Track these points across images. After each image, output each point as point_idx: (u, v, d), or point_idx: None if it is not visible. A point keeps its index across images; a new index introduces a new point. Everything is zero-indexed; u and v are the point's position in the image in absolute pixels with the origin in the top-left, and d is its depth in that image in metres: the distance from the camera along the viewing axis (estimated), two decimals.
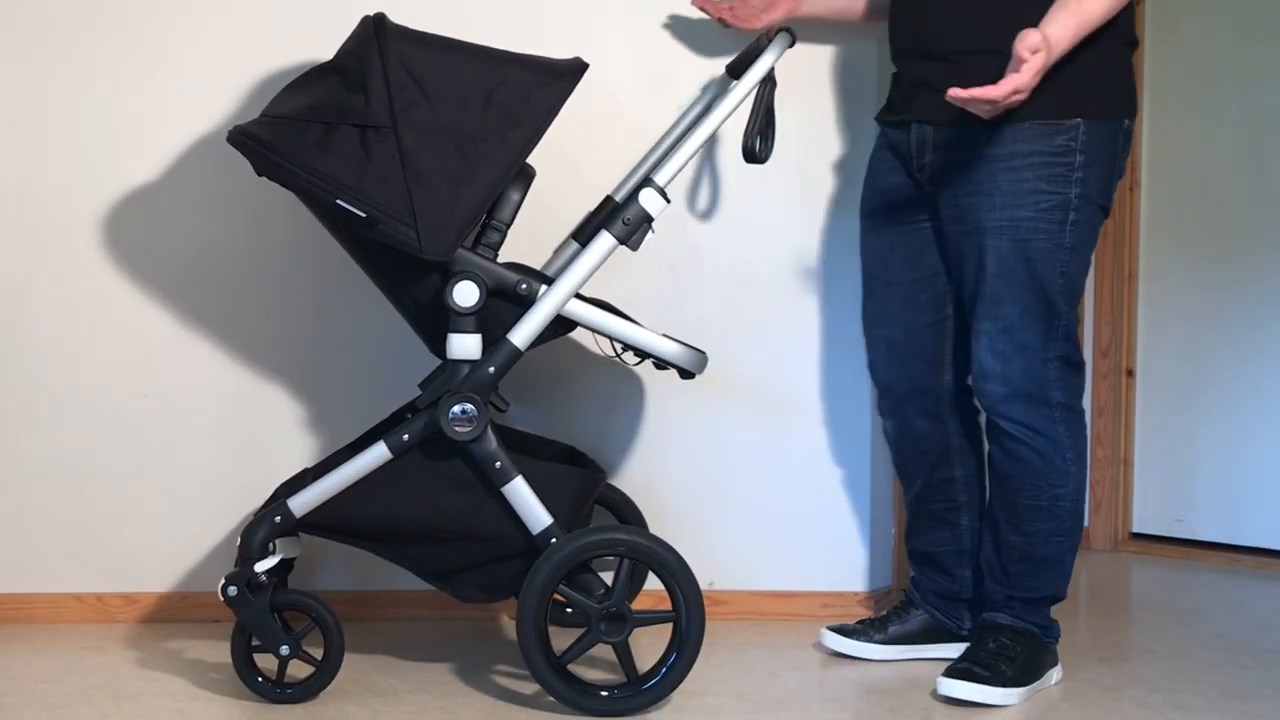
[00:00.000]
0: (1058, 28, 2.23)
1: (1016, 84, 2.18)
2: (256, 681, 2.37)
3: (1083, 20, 2.25)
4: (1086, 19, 2.25)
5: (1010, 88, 2.18)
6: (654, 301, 2.86)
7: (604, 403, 2.89)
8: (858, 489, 2.89)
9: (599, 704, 2.31)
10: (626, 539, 2.32)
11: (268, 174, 2.24)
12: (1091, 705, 2.41)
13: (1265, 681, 2.55)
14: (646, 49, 2.84)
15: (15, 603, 2.83)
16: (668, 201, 2.36)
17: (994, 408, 2.41)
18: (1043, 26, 2.22)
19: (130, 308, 2.81)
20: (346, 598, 2.82)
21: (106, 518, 2.83)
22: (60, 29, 2.78)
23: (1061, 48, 2.23)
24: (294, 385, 2.85)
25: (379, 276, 2.37)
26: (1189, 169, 3.57)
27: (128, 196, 2.80)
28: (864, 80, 2.87)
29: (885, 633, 2.65)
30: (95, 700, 2.39)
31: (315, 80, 2.28)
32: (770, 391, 2.90)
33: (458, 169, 2.22)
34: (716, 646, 2.68)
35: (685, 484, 2.90)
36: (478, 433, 2.30)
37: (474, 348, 2.31)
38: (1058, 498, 2.42)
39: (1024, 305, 2.36)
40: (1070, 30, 2.24)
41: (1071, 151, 2.31)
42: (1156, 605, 3.14)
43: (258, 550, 2.34)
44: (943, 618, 2.64)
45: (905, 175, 2.49)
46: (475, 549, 2.37)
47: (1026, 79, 2.19)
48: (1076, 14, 2.24)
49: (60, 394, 2.81)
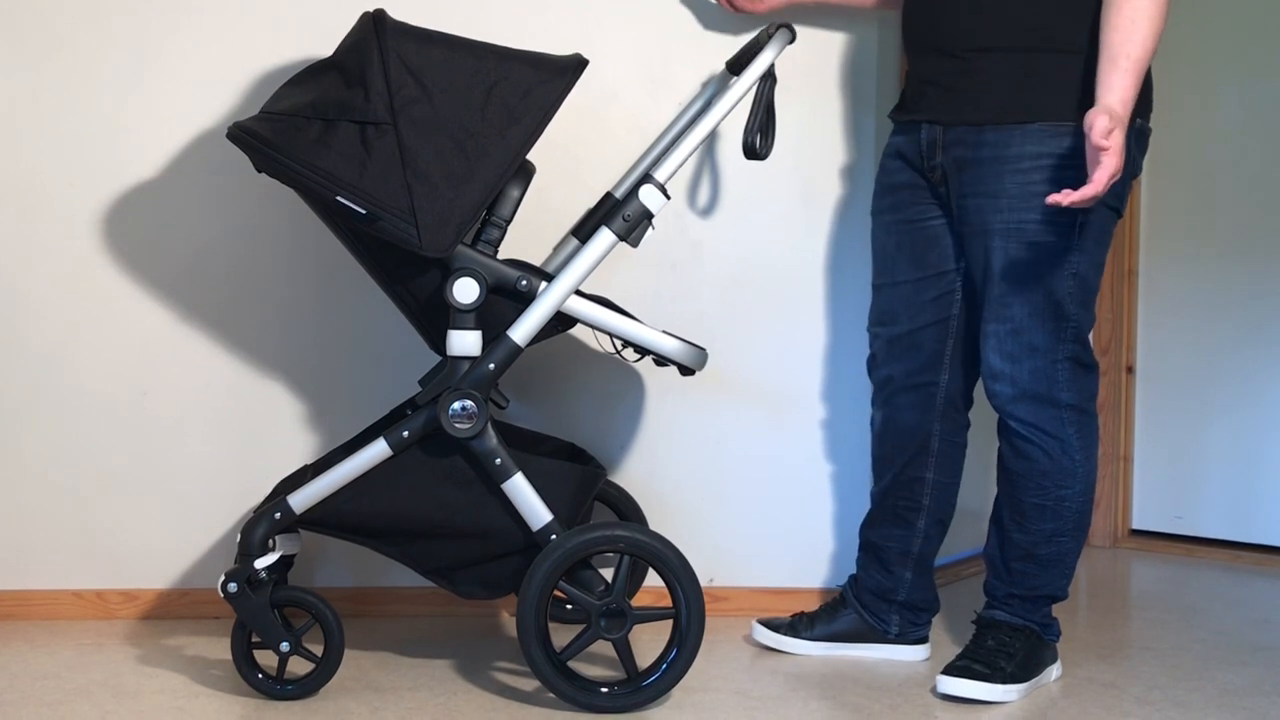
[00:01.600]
0: (1116, 94, 2.18)
1: (1110, 170, 2.15)
2: (256, 678, 2.37)
3: (1137, 71, 2.19)
4: (1138, 68, 2.19)
5: (1107, 177, 2.15)
6: (654, 298, 2.86)
7: (604, 399, 2.89)
8: (857, 486, 2.89)
9: (599, 700, 2.31)
10: (626, 535, 2.32)
11: (267, 171, 2.24)
12: (1091, 702, 2.41)
13: (1265, 678, 2.55)
14: (646, 45, 2.84)
15: (15, 599, 2.83)
16: (668, 198, 2.36)
17: (1003, 408, 2.41)
18: (1102, 98, 2.18)
19: (130, 306, 2.81)
20: (346, 594, 2.82)
21: (106, 515, 2.83)
22: (59, 27, 2.77)
23: (1128, 109, 2.19)
24: (294, 383, 2.85)
25: (379, 273, 2.37)
26: (1189, 167, 3.58)
27: (127, 194, 2.80)
28: (865, 76, 2.86)
29: (813, 630, 2.67)
30: (95, 697, 2.39)
31: (315, 77, 2.28)
32: (770, 388, 2.90)
33: (457, 166, 2.22)
34: (716, 643, 2.69)
35: (685, 480, 2.91)
36: (478, 429, 2.30)
37: (474, 344, 2.31)
38: (1063, 498, 2.42)
39: (1032, 306, 2.36)
40: (1129, 89, 2.19)
41: (1081, 153, 2.28)
42: (1156, 602, 3.14)
43: (258, 547, 2.34)
44: (871, 620, 2.65)
45: (916, 174, 2.49)
46: (475, 545, 2.37)
47: (1116, 162, 2.15)
48: (1129, 70, 2.19)
49: (60, 393, 2.81)
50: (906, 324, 2.56)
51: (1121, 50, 2.19)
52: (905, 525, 2.62)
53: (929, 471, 2.60)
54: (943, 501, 2.62)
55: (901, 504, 2.62)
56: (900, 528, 2.63)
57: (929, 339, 2.55)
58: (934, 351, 2.56)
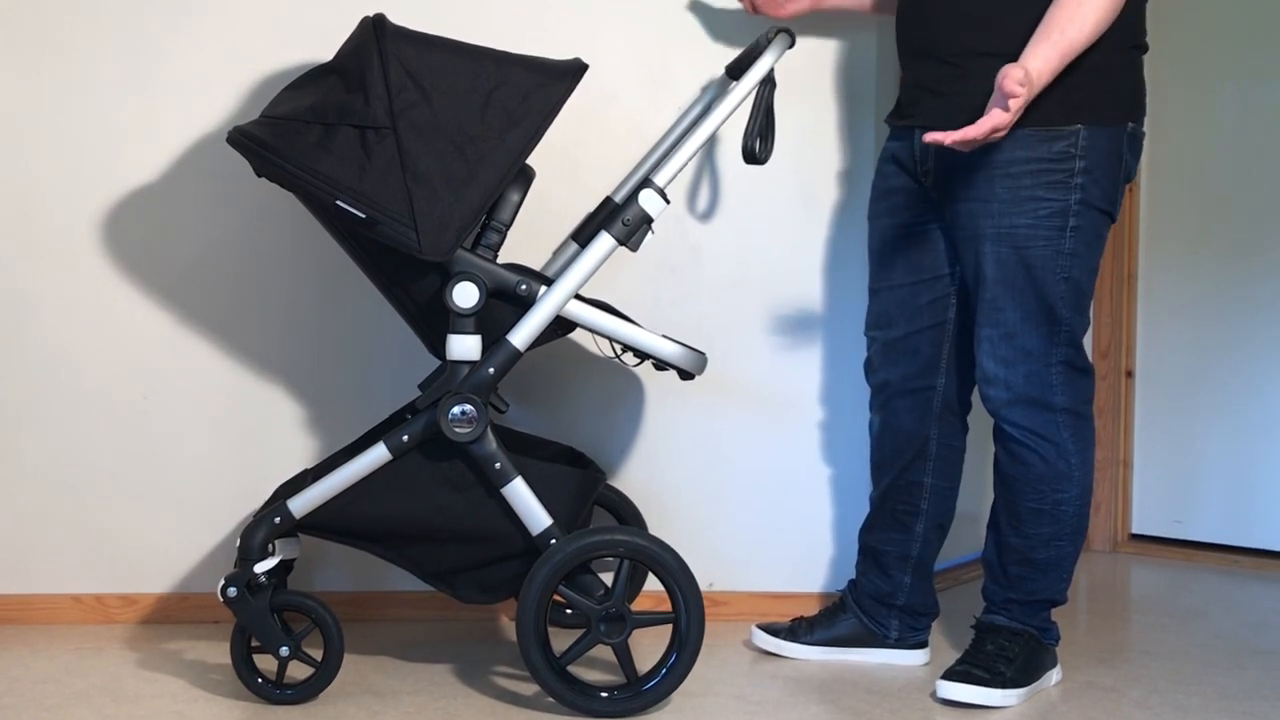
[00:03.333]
0: (1039, 60, 2.20)
1: (995, 123, 2.17)
2: (256, 682, 2.37)
3: (1065, 50, 2.21)
4: (1069, 48, 2.21)
5: (989, 126, 2.17)
6: (653, 302, 2.86)
7: (603, 404, 2.89)
8: (856, 490, 2.89)
9: (599, 705, 2.31)
10: (626, 540, 2.32)
11: (267, 175, 2.25)
12: (1090, 706, 2.41)
13: (1264, 682, 2.55)
14: (646, 50, 2.84)
15: (14, 604, 2.83)
16: (667, 202, 2.36)
17: (997, 412, 2.41)
18: (1025, 59, 2.19)
19: (130, 309, 2.81)
20: (346, 598, 2.82)
21: (106, 519, 2.83)
22: (60, 30, 2.77)
23: (1044, 80, 2.20)
24: (294, 386, 2.85)
25: (378, 277, 2.37)
26: (1188, 169, 3.58)
27: (127, 197, 2.80)
28: (864, 81, 2.87)
29: (812, 635, 2.68)
30: (95, 701, 2.39)
31: (315, 81, 2.28)
32: (770, 392, 2.90)
33: (457, 170, 2.22)
34: (716, 648, 2.69)
35: (685, 485, 2.90)
36: (477, 433, 2.30)
37: (474, 348, 2.31)
38: (1060, 502, 2.42)
39: (1024, 311, 2.36)
40: (1053, 62, 2.21)
41: (1071, 157, 2.30)
42: (1155, 606, 3.14)
43: (257, 551, 2.34)
44: (870, 624, 2.65)
45: (910, 179, 2.49)
46: (475, 550, 2.37)
47: (1007, 119, 2.17)
48: (1059, 45, 2.21)
49: (60, 394, 2.81)
50: (903, 328, 2.56)
51: (1058, 27, 2.21)
52: (904, 530, 2.62)
53: (927, 476, 2.60)
54: (941, 506, 2.62)
55: (900, 508, 2.62)
56: (899, 532, 2.63)
57: (925, 343, 2.55)
58: (931, 356, 2.56)
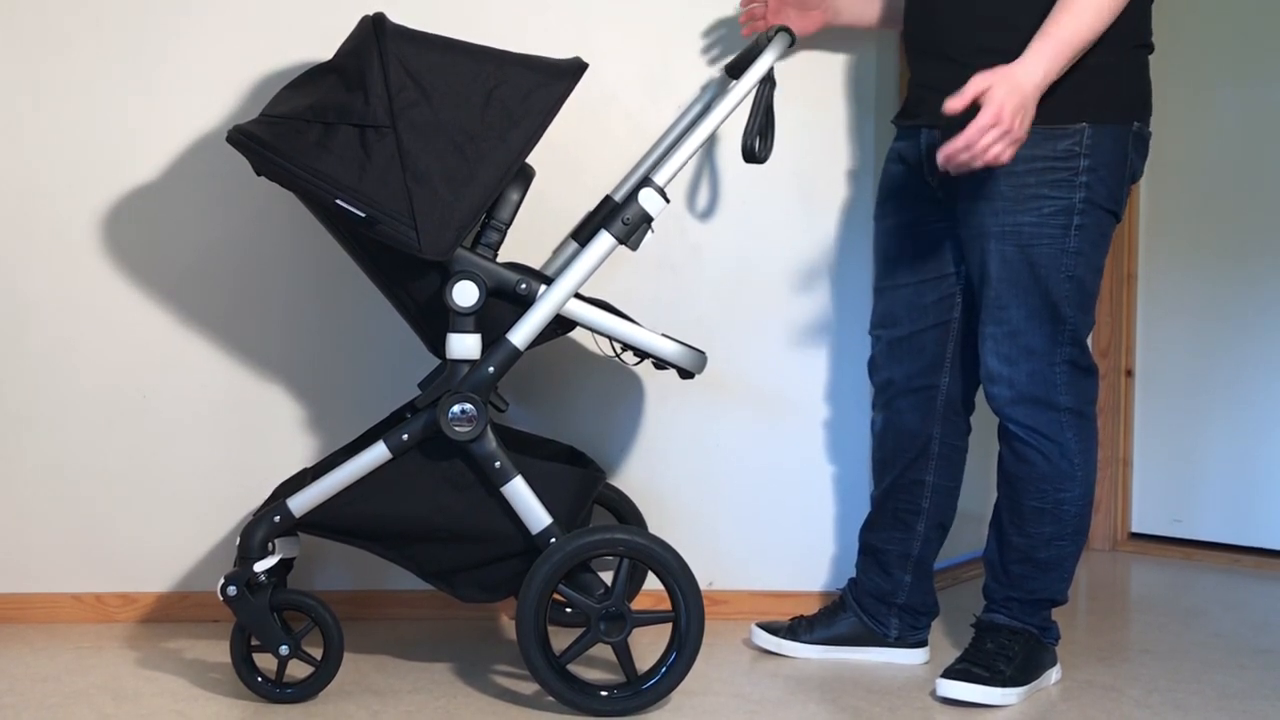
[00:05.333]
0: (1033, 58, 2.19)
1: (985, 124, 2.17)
2: (256, 681, 2.37)
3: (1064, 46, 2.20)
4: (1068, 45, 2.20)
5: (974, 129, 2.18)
6: (653, 301, 2.86)
7: (603, 402, 2.89)
8: (857, 489, 2.89)
9: (598, 704, 2.31)
10: (626, 539, 2.32)
11: (267, 174, 2.24)
12: (1090, 705, 2.41)
13: (1264, 681, 2.55)
14: (646, 49, 2.84)
15: (14, 603, 2.83)
16: (667, 201, 2.36)
17: (1001, 410, 2.41)
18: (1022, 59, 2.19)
19: (130, 308, 2.81)
20: (346, 597, 2.82)
21: (106, 517, 2.83)
22: (60, 29, 2.77)
23: (1041, 79, 2.19)
24: (294, 385, 2.85)
25: (378, 276, 2.37)
26: (1188, 169, 3.58)
27: (127, 196, 2.80)
28: (864, 80, 2.87)
29: (812, 633, 2.68)
30: (94, 700, 2.39)
31: (314, 80, 2.28)
32: (770, 391, 2.90)
33: (457, 169, 2.22)
34: (716, 646, 2.69)
35: (685, 484, 2.90)
36: (477, 432, 2.30)
37: (473, 347, 2.31)
38: (1062, 501, 2.42)
39: (1029, 309, 2.36)
40: (1048, 57, 2.19)
41: (1075, 156, 2.30)
42: (1155, 605, 3.14)
43: (257, 550, 2.34)
44: (870, 623, 2.65)
45: (917, 178, 2.49)
46: (475, 549, 2.37)
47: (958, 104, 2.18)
48: (1057, 41, 2.20)
49: (60, 394, 2.81)
50: (907, 327, 2.56)
51: (1056, 23, 2.20)
52: (905, 529, 2.62)
53: (929, 475, 2.60)
54: (943, 505, 2.62)
55: (902, 507, 2.62)
56: (900, 531, 2.63)
57: (930, 342, 2.55)
58: (935, 355, 2.56)
